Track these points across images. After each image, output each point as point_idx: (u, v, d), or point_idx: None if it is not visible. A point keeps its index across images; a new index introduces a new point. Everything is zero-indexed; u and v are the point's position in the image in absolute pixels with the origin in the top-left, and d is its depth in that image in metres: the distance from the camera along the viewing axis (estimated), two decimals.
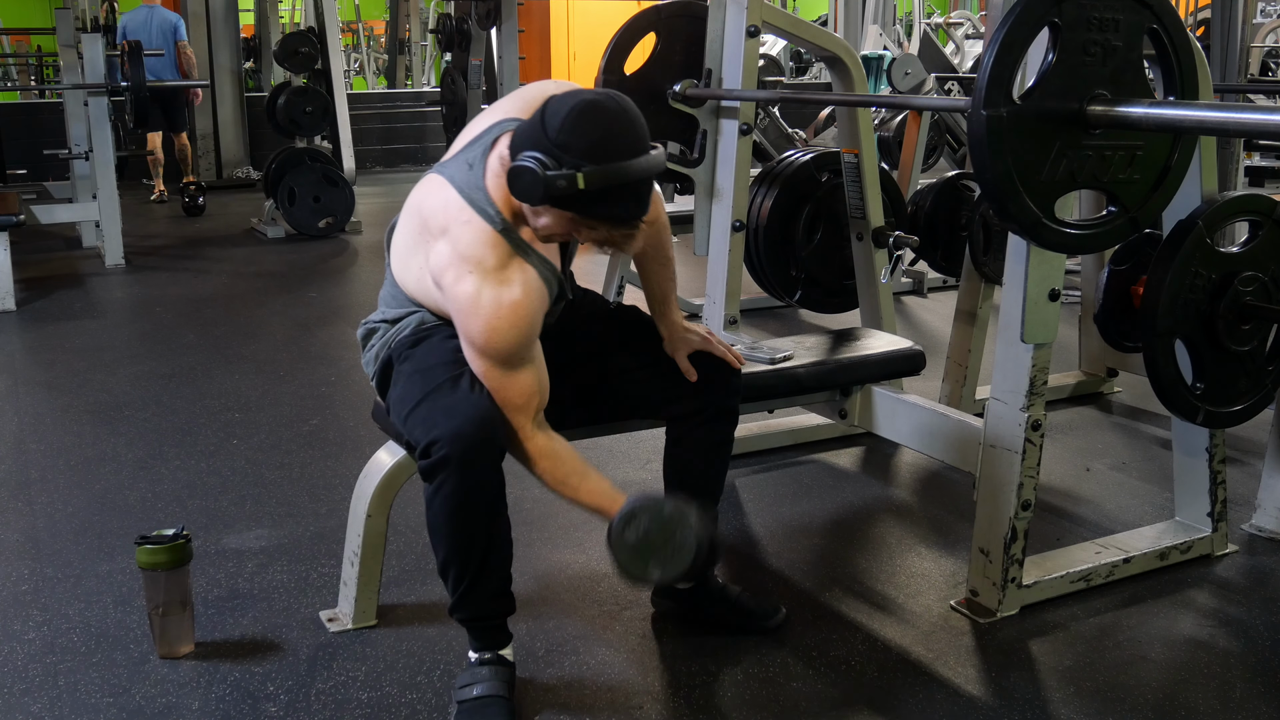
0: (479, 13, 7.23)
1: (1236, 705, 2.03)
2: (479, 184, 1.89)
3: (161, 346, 4.58)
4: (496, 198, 1.88)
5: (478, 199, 1.88)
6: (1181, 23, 2.09)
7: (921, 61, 6.94)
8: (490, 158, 1.90)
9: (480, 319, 1.86)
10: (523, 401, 1.93)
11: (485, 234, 1.87)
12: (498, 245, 1.87)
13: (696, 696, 2.06)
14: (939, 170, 6.61)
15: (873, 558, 2.65)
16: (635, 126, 1.78)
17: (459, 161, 1.95)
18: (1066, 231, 2.07)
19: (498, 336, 1.86)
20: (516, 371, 1.91)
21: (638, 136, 1.77)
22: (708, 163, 3.21)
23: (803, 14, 11.40)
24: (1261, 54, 8.03)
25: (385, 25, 14.85)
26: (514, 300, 1.86)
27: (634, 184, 1.76)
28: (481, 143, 1.94)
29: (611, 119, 1.76)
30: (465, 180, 1.91)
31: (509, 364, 1.89)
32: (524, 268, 1.89)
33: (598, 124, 1.74)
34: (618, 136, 1.75)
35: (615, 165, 1.73)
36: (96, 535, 2.75)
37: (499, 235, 1.87)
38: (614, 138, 1.75)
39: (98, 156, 6.14)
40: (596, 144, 1.73)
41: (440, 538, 1.91)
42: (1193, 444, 2.58)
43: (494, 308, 1.85)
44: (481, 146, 1.93)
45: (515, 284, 1.87)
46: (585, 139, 1.73)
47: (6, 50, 14.68)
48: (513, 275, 1.87)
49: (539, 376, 1.96)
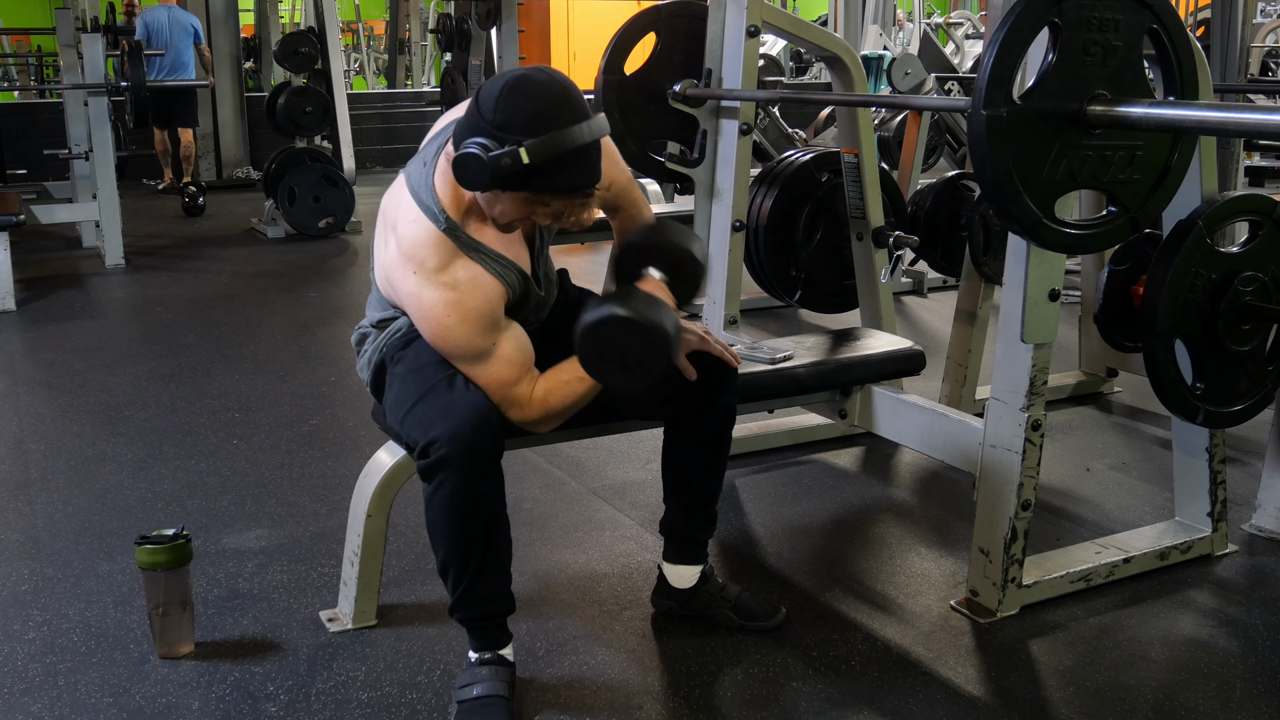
0: (479, 13, 7.23)
1: (1236, 705, 2.03)
2: (427, 183, 1.91)
3: (161, 346, 4.58)
4: (442, 195, 1.89)
5: (424, 198, 1.90)
6: (1181, 23, 2.09)
7: (921, 61, 6.95)
8: (440, 156, 1.92)
9: (428, 321, 1.88)
10: (511, 376, 1.94)
11: (428, 233, 1.88)
12: (440, 245, 1.87)
13: (696, 696, 2.06)
14: (939, 170, 6.61)
15: (873, 558, 2.65)
16: (569, 93, 1.78)
17: (416, 161, 1.98)
18: (1066, 231, 2.07)
19: (450, 334, 1.88)
20: (489, 359, 1.92)
21: (574, 104, 1.77)
22: (708, 163, 3.21)
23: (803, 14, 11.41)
24: (1261, 54, 8.03)
25: (385, 25, 14.85)
26: (458, 299, 1.87)
27: (579, 150, 1.76)
28: (436, 141, 1.96)
29: (544, 90, 1.76)
30: (417, 180, 1.92)
31: (476, 357, 1.91)
32: (468, 265, 1.89)
33: (531, 96, 1.74)
34: (554, 106, 1.75)
35: (557, 133, 1.73)
36: (96, 535, 2.75)
37: (442, 235, 1.88)
38: (550, 108, 1.75)
39: (98, 156, 6.14)
40: (533, 116, 1.73)
41: (440, 537, 1.91)
42: (1193, 444, 2.58)
43: (440, 306, 1.86)
44: (436, 145, 1.95)
45: (458, 283, 1.87)
46: (521, 114, 1.73)
47: (6, 50, 14.69)
48: (456, 274, 1.88)
49: (518, 343, 1.96)
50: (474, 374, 1.92)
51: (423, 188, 1.91)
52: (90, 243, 6.76)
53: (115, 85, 6.45)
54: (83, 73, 6.24)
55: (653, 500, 2.86)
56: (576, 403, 2.01)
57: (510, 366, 1.94)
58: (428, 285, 1.87)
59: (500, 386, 1.93)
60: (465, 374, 1.92)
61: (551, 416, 2.00)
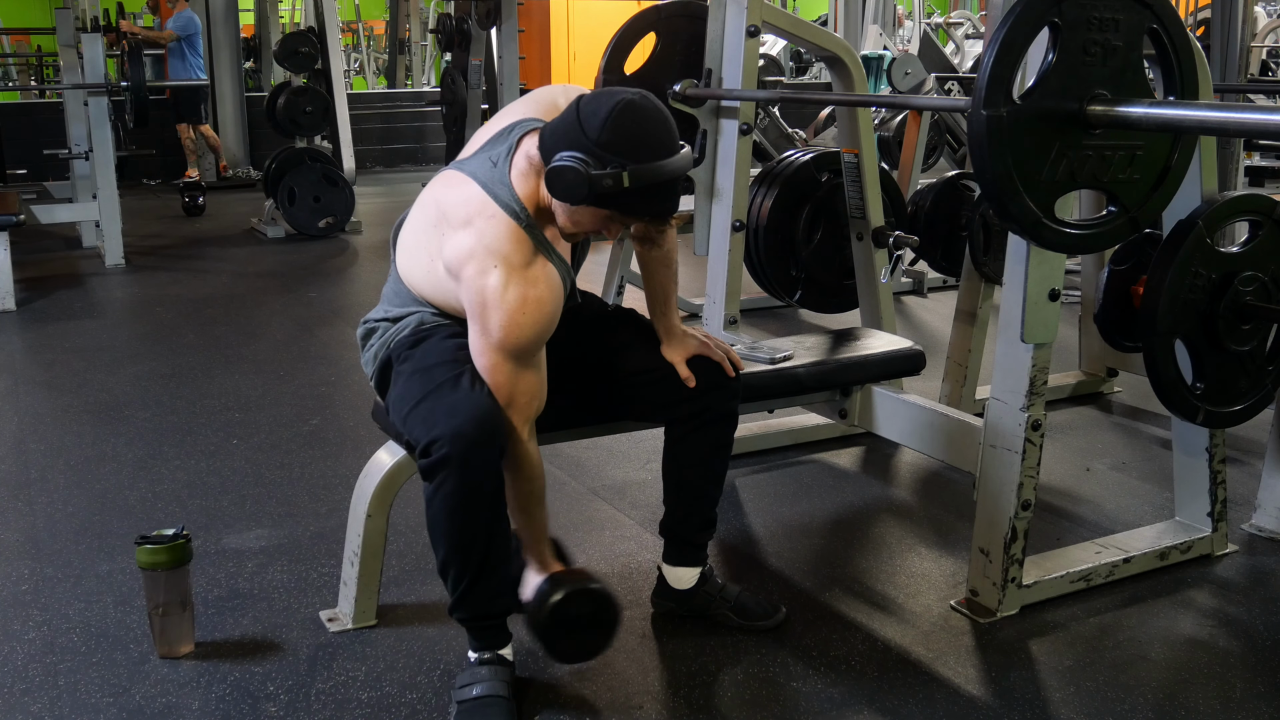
0: (479, 13, 7.23)
1: (1236, 705, 2.03)
2: (504, 180, 1.91)
3: (161, 346, 4.58)
4: (523, 195, 1.90)
5: (503, 195, 1.89)
6: (1181, 23, 2.09)
7: (921, 61, 6.95)
8: (516, 156, 1.92)
9: (503, 313, 1.86)
10: (525, 401, 1.94)
11: (512, 230, 1.88)
12: (524, 242, 1.88)
13: (696, 696, 2.06)
14: (939, 170, 6.61)
15: (873, 558, 2.65)
16: (670, 125, 1.83)
17: (481, 159, 1.96)
18: (1066, 231, 2.07)
19: (518, 331, 1.87)
20: (526, 370, 1.92)
21: (673, 135, 1.83)
22: (708, 163, 3.21)
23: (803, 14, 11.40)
24: (1261, 54, 8.03)
25: (385, 25, 14.85)
26: (538, 297, 1.87)
27: (672, 181, 1.82)
28: (505, 141, 1.95)
29: (649, 118, 1.80)
30: (489, 176, 1.92)
31: (521, 360, 1.90)
32: (547, 265, 1.91)
33: (639, 123, 1.79)
34: (657, 136, 1.80)
35: (657, 164, 1.78)
36: (96, 535, 2.75)
37: (525, 232, 1.89)
38: (654, 137, 1.80)
39: (98, 156, 6.14)
40: (638, 143, 1.78)
41: (440, 537, 1.91)
42: (1193, 444, 2.58)
43: (519, 303, 1.86)
44: (505, 145, 1.94)
45: (540, 281, 1.88)
46: (627, 138, 1.77)
47: (6, 50, 14.68)
48: (537, 272, 1.89)
49: (541, 381, 1.97)
50: (501, 373, 1.90)
51: (499, 185, 1.90)
52: (90, 243, 6.76)
53: (115, 85, 6.45)
54: (83, 73, 6.24)
55: (653, 500, 2.86)
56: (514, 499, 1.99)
57: (527, 392, 1.94)
58: (514, 280, 1.86)
59: (509, 400, 1.92)
60: (489, 371, 1.90)
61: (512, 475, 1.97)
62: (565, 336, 2.12)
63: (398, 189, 9.30)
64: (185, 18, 9.16)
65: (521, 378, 1.92)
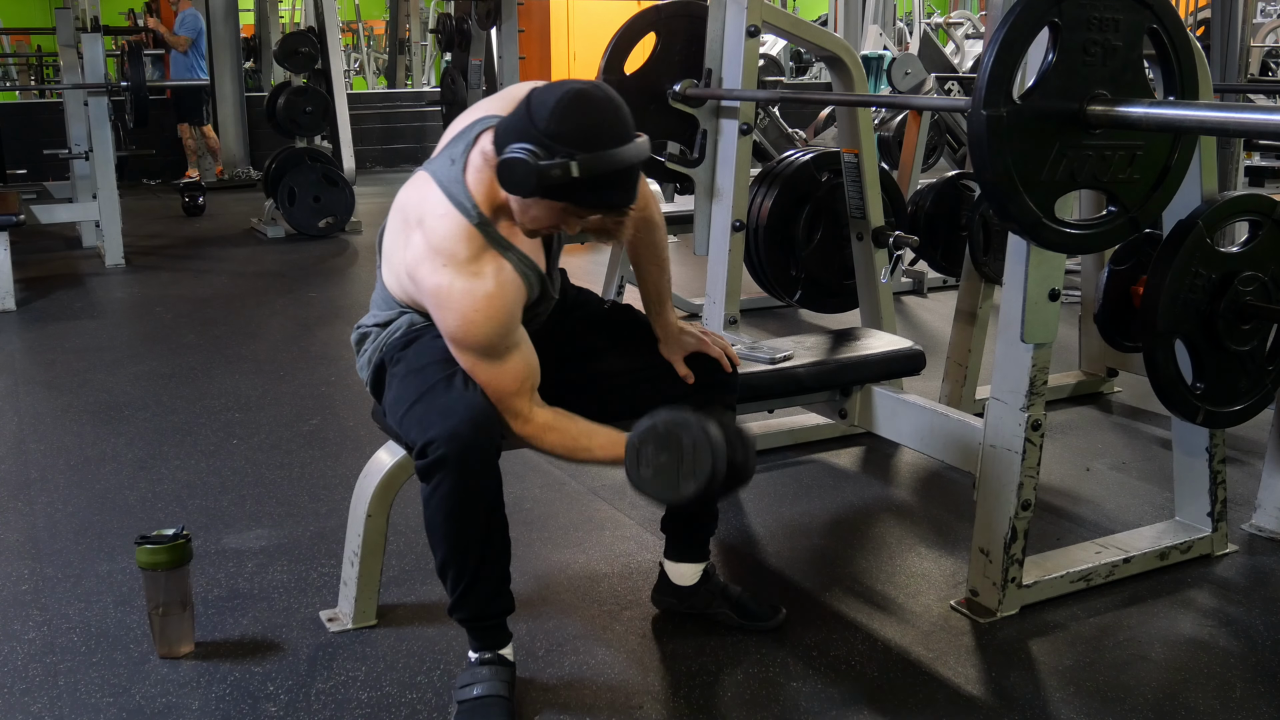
0: (479, 13, 7.22)
1: (1236, 705, 2.03)
2: (458, 178, 1.90)
3: (161, 346, 4.58)
4: (475, 192, 1.89)
5: (455, 193, 1.89)
6: (1181, 23, 2.09)
7: (921, 61, 6.95)
8: (472, 153, 1.91)
9: (454, 312, 1.87)
10: (516, 386, 1.93)
11: (460, 227, 1.87)
12: (471, 239, 1.87)
13: (696, 696, 2.06)
14: (939, 170, 6.61)
15: (873, 558, 2.65)
16: (622, 114, 1.79)
17: (442, 158, 1.97)
18: (1066, 231, 2.07)
19: (474, 329, 1.87)
20: (502, 361, 1.91)
21: (625, 124, 1.79)
22: (708, 163, 3.21)
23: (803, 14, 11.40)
24: (1261, 54, 8.03)
25: (385, 25, 14.85)
26: (487, 292, 1.86)
27: (626, 170, 1.78)
28: (464, 139, 1.95)
29: (600, 107, 1.77)
30: (446, 175, 1.92)
31: (491, 354, 1.90)
32: (498, 261, 1.89)
33: (587, 112, 1.75)
34: (607, 124, 1.76)
35: (608, 152, 1.74)
36: (96, 535, 2.75)
37: (474, 229, 1.88)
38: (604, 125, 1.76)
39: (98, 156, 6.14)
40: (587, 132, 1.74)
41: (438, 538, 1.91)
42: (1193, 444, 2.58)
43: (468, 300, 1.86)
44: (464, 142, 1.94)
45: (488, 276, 1.87)
46: (576, 127, 1.74)
47: (6, 50, 14.68)
48: (485, 268, 1.88)
49: (526, 359, 1.96)
50: (479, 372, 1.91)
51: (454, 183, 1.90)
52: (90, 243, 6.76)
53: (115, 85, 6.45)
54: (83, 73, 6.24)
55: None
56: (565, 458, 2.01)
57: (515, 378, 1.93)
58: (459, 277, 1.86)
59: (499, 393, 1.92)
60: (470, 372, 1.92)
61: (538, 445, 1.99)
62: (562, 335, 2.12)
63: (398, 189, 9.19)
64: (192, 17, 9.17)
65: (502, 368, 1.91)
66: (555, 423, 1.98)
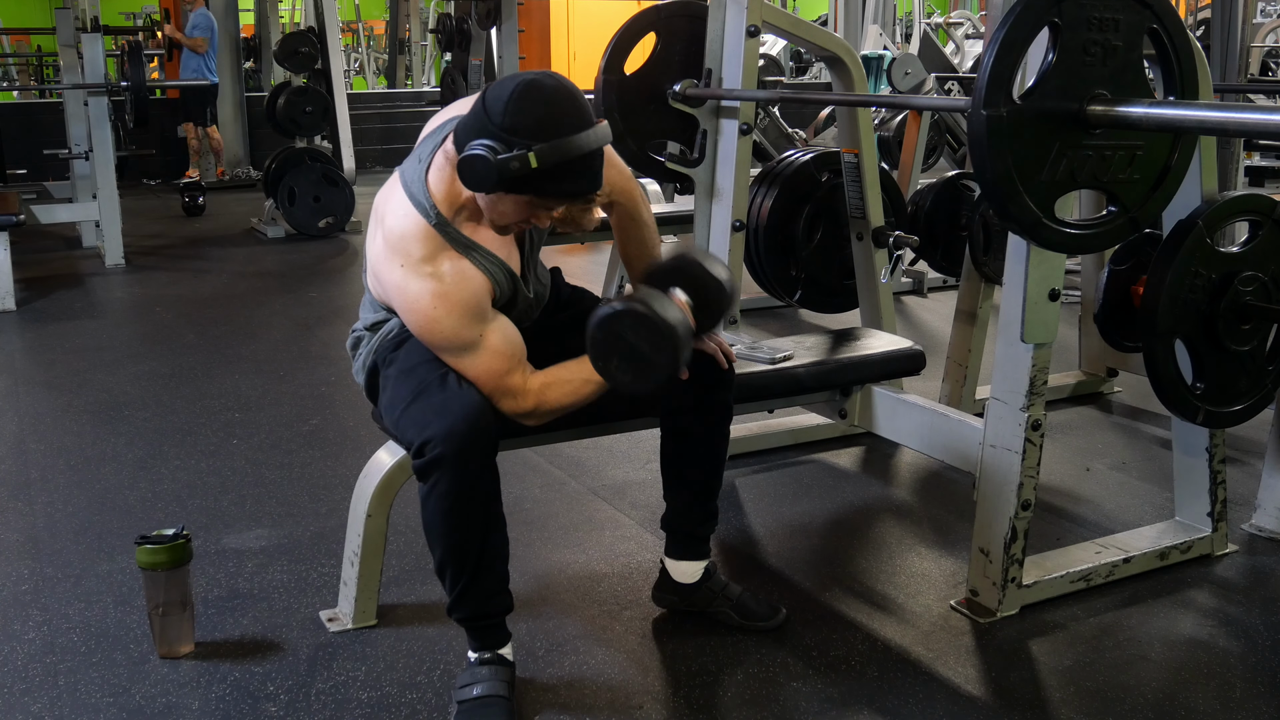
0: (479, 13, 7.23)
1: (1236, 705, 2.03)
2: (420, 178, 1.92)
3: (161, 346, 4.58)
4: (435, 191, 1.90)
5: (415, 192, 1.91)
6: (1181, 23, 2.09)
7: (921, 61, 6.95)
8: (437, 154, 1.93)
9: (415, 313, 1.89)
10: (504, 365, 1.94)
11: (416, 226, 1.89)
12: (427, 239, 1.89)
13: (696, 696, 2.06)
14: (939, 170, 6.61)
15: (873, 558, 2.65)
16: (577, 100, 1.80)
17: (411, 159, 1.99)
18: (1066, 231, 2.07)
19: (437, 326, 1.88)
20: (477, 350, 1.92)
21: (581, 110, 1.79)
22: (708, 163, 3.21)
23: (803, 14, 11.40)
24: (1261, 54, 8.03)
25: (385, 25, 14.86)
26: (444, 290, 1.87)
27: (585, 157, 1.78)
28: (433, 139, 1.97)
29: (553, 95, 1.77)
30: (411, 176, 1.94)
31: (463, 349, 1.91)
32: (455, 259, 1.90)
33: (540, 102, 1.76)
34: (562, 112, 1.77)
35: (565, 140, 1.75)
36: (96, 535, 2.75)
37: (431, 229, 1.89)
38: (559, 114, 1.76)
39: (98, 156, 6.15)
40: (543, 121, 1.75)
41: (436, 537, 1.91)
42: (1193, 444, 2.58)
43: (426, 297, 1.87)
44: (432, 143, 1.96)
45: (444, 276, 1.88)
46: (531, 118, 1.75)
47: (6, 50, 14.69)
48: (441, 267, 1.88)
49: (506, 334, 1.96)
50: (463, 366, 1.92)
51: (415, 183, 1.92)
52: (90, 243, 6.76)
53: (115, 85, 6.45)
54: (83, 73, 6.24)
55: (653, 500, 2.86)
56: (574, 404, 2.01)
57: (499, 358, 1.94)
58: (413, 276, 1.88)
59: (491, 377, 1.93)
60: (455, 367, 1.92)
61: (545, 412, 2.00)
62: (558, 333, 2.11)
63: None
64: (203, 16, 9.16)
65: (481, 356, 1.92)
66: (552, 379, 1.99)
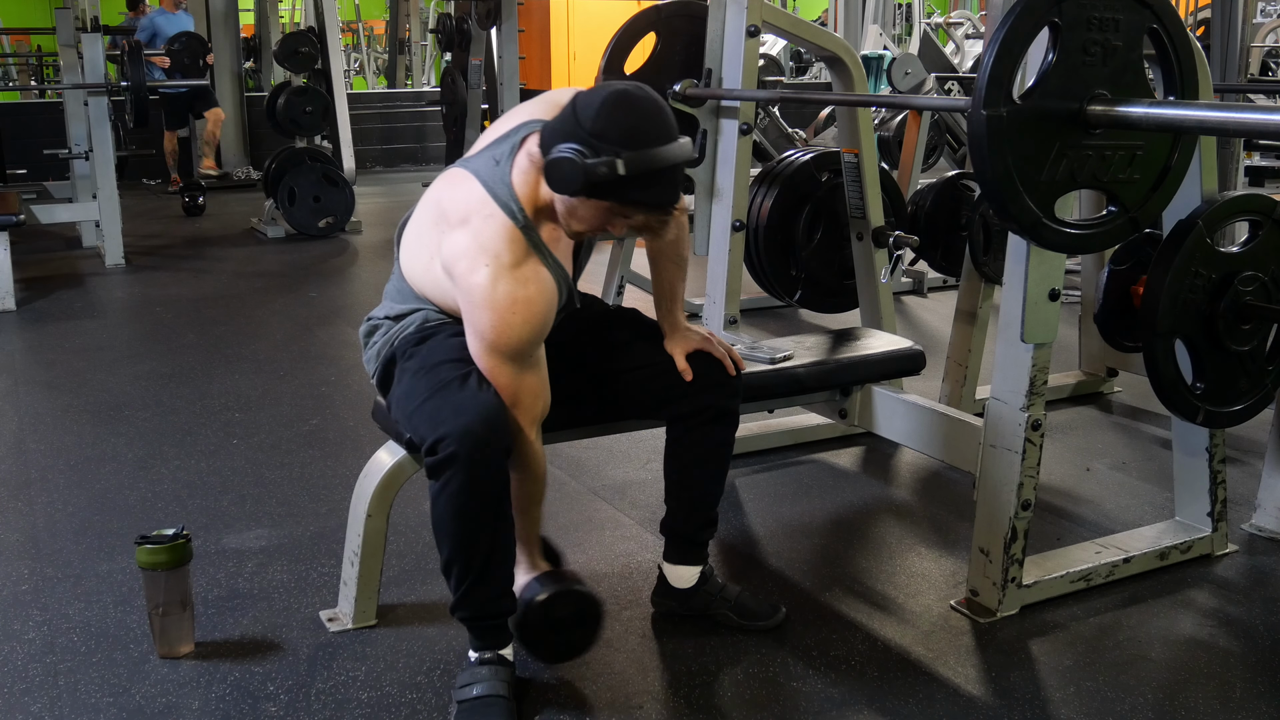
0: (479, 13, 7.23)
1: (1236, 705, 2.03)
2: (505, 179, 1.91)
3: (161, 346, 4.58)
4: (521, 194, 1.90)
5: (502, 194, 1.90)
6: (1181, 23, 2.09)
7: (921, 61, 6.94)
8: (519, 155, 1.92)
9: (493, 312, 1.87)
10: (530, 402, 1.94)
11: (506, 229, 1.88)
12: (517, 241, 1.88)
13: (696, 696, 2.06)
14: (939, 170, 6.61)
15: (873, 558, 2.65)
16: (665, 114, 1.83)
17: (484, 157, 1.96)
18: (1066, 231, 2.07)
19: (509, 332, 1.87)
20: (524, 371, 1.92)
21: (668, 124, 1.82)
22: (708, 163, 3.21)
23: (803, 14, 11.40)
24: (1261, 54, 8.03)
25: (385, 25, 14.85)
26: (528, 297, 1.87)
27: (670, 169, 1.80)
28: (509, 141, 1.95)
29: (643, 106, 1.80)
30: (491, 175, 1.92)
31: (517, 361, 1.90)
32: (539, 268, 1.91)
33: (632, 112, 1.78)
34: (651, 123, 1.79)
35: (652, 150, 1.77)
36: (96, 535, 2.75)
37: (520, 232, 1.89)
38: (648, 124, 1.79)
39: (98, 156, 6.14)
40: (632, 131, 1.77)
41: (444, 535, 1.91)
42: (1193, 444, 2.58)
43: (508, 302, 1.86)
44: (509, 144, 1.95)
45: (530, 282, 1.88)
46: (621, 126, 1.77)
47: (6, 50, 14.69)
48: (528, 273, 1.88)
49: (543, 381, 1.98)
50: (501, 376, 1.91)
51: (499, 184, 1.91)
52: (90, 243, 6.76)
53: (115, 85, 6.45)
54: (83, 73, 6.23)
55: (653, 500, 2.86)
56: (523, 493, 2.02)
57: (532, 393, 1.95)
58: (503, 279, 1.86)
59: (515, 400, 1.92)
60: (490, 375, 1.91)
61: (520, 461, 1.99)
62: (567, 337, 2.12)
63: (398, 189, 9.29)
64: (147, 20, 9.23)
65: (524, 379, 1.92)
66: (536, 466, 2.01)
